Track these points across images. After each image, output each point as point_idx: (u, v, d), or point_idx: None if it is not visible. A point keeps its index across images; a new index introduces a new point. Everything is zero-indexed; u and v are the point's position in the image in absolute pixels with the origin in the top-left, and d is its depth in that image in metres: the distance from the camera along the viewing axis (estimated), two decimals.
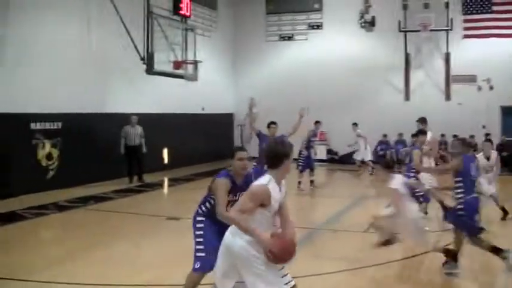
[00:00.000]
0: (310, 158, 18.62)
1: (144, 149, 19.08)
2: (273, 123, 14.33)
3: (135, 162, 19.02)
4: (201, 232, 6.65)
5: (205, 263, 6.31)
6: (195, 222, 6.77)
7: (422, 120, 13.96)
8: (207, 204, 6.70)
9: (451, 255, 8.61)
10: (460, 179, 8.43)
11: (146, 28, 17.50)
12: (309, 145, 18.59)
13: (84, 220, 12.91)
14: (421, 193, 11.49)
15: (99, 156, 18.17)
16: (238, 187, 6.45)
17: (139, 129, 19.06)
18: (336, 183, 22.34)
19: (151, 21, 17.54)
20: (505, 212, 12.81)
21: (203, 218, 6.71)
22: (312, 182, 18.07)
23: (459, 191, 8.45)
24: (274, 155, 5.47)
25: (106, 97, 19.61)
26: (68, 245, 10.36)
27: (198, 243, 6.63)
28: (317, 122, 20.18)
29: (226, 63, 28.78)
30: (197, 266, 6.48)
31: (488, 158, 12.78)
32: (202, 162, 23.92)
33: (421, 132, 12.59)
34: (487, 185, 12.32)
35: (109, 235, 11.23)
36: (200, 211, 6.79)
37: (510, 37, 24.69)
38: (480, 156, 12.67)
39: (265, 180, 5.40)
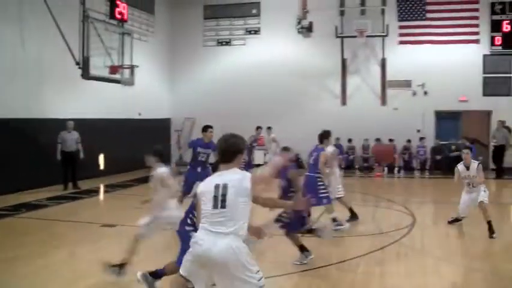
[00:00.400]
0: (250, 163, 18.54)
1: (82, 155, 18.82)
2: (209, 127, 13.48)
3: (70, 169, 18.61)
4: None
5: None
6: (186, 232, 6.88)
7: (325, 134, 13.42)
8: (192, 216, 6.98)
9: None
10: None
11: (82, 32, 17.19)
12: (250, 151, 18.48)
13: (16, 229, 12.48)
14: (325, 194, 11.67)
15: (32, 163, 17.68)
16: None
17: (75, 135, 18.75)
18: (273, 187, 22.36)
19: (87, 25, 17.22)
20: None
21: (192, 228, 6.74)
22: None
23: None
24: (234, 150, 5.53)
25: (40, 102, 19.04)
26: None
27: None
28: (258, 128, 20.17)
29: (163, 68, 28.52)
30: None
31: (468, 167, 12.18)
32: (139, 168, 23.57)
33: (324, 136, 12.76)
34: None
35: (43, 244, 10.85)
36: (189, 221, 6.99)
37: (443, 43, 25.31)
38: (460, 165, 12.33)
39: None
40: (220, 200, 5.26)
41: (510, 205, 16.89)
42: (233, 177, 5.36)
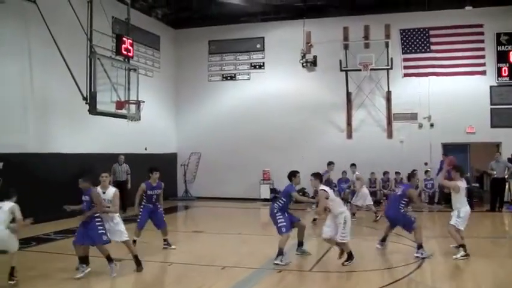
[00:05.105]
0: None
1: (129, 185, 21.48)
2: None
3: (120, 196, 19.38)
4: (281, 214, 12.45)
5: (287, 227, 12.23)
6: (275, 212, 12.49)
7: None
8: (280, 202, 12.66)
9: None
10: None
11: (89, 68, 17.25)
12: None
13: (24, 263, 12.35)
14: None
15: (42, 196, 17.65)
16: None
17: (125, 167, 22.09)
18: None
19: (94, 61, 17.28)
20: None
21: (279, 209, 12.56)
22: None
23: None
24: None
25: (48, 137, 19.38)
26: None
27: (280, 219, 12.34)
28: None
29: (169, 103, 28.68)
30: (284, 230, 12.14)
31: None
32: None
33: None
34: None
35: (49, 278, 10.83)
36: (277, 206, 12.61)
37: (449, 75, 25.33)
38: None
39: None
40: None
41: None
42: None
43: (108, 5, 19.55)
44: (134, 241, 13.30)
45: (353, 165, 21.38)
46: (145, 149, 25.37)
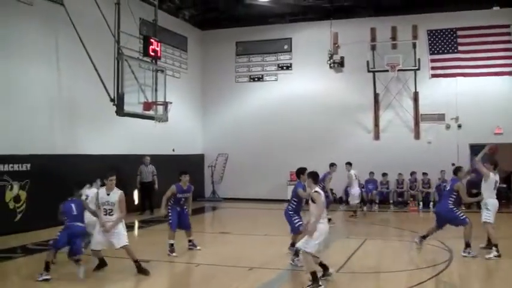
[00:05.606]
0: None
1: (156, 186, 21.93)
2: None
3: (147, 197, 22.23)
4: (297, 216, 12.59)
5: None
6: (290, 215, 12.64)
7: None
8: (293, 204, 12.72)
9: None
10: None
11: (116, 69, 17.29)
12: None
13: (59, 263, 12.46)
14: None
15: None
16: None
17: (151, 168, 22.42)
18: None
19: (121, 62, 17.33)
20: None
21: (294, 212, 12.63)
22: None
23: None
24: None
25: (75, 138, 19.49)
26: None
27: (296, 219, 12.51)
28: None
29: (196, 104, 28.78)
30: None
31: None
32: None
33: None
34: None
35: (73, 280, 10.85)
36: (290, 208, 12.73)
37: (476, 76, 25.08)
38: None
39: None
40: None
41: None
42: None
43: (136, 6, 19.68)
44: (171, 245, 13.31)
45: (348, 163, 21.29)
46: (173, 150, 25.47)
